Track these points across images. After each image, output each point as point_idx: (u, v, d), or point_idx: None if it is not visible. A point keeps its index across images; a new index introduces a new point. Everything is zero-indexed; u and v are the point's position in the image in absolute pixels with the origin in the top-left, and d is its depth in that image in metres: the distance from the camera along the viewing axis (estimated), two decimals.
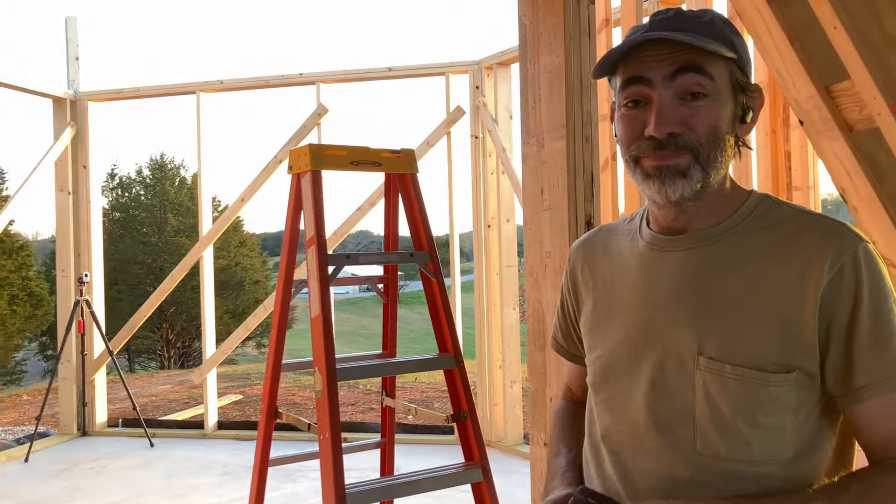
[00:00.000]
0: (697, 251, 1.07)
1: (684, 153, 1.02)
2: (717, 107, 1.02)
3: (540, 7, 2.90)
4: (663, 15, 1.06)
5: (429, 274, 2.50)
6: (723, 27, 1.05)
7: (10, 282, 19.21)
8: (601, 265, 1.22)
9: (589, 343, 1.21)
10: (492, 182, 5.37)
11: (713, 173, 1.03)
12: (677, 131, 1.01)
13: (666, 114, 1.01)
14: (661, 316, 1.07)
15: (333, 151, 2.38)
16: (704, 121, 1.02)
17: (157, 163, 26.80)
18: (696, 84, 1.01)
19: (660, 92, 1.02)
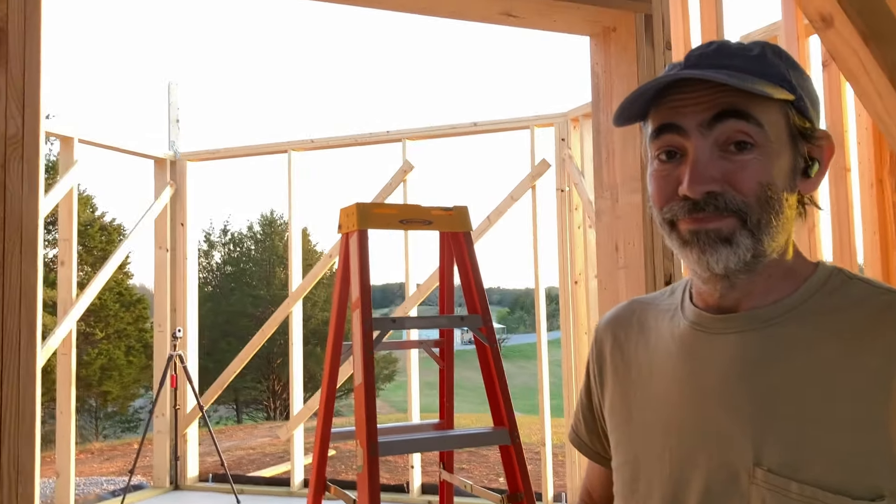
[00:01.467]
0: (753, 334, 0.86)
1: (727, 216, 0.83)
2: (768, 159, 0.83)
3: (613, 55, 2.76)
4: (702, 50, 0.88)
5: (482, 339, 2.34)
6: (776, 62, 0.86)
7: (128, 333, 20.17)
8: (635, 347, 1.01)
9: (616, 443, 1.00)
10: (578, 236, 5.19)
11: (767, 240, 0.84)
12: (717, 190, 0.82)
13: (703, 169, 0.82)
14: (707, 414, 0.86)
15: (382, 210, 2.29)
16: (752, 176, 0.82)
17: (266, 218, 27.82)
18: (740, 132, 0.82)
19: (696, 142, 0.83)
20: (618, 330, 1.05)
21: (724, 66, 0.85)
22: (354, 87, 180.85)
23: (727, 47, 0.87)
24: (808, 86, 0.87)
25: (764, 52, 0.86)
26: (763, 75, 0.84)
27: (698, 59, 0.87)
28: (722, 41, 0.89)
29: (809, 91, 0.87)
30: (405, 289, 5.69)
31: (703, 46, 0.89)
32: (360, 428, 2.10)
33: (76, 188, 5.49)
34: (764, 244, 0.84)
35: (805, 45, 3.22)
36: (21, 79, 1.91)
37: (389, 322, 2.25)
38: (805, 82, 0.87)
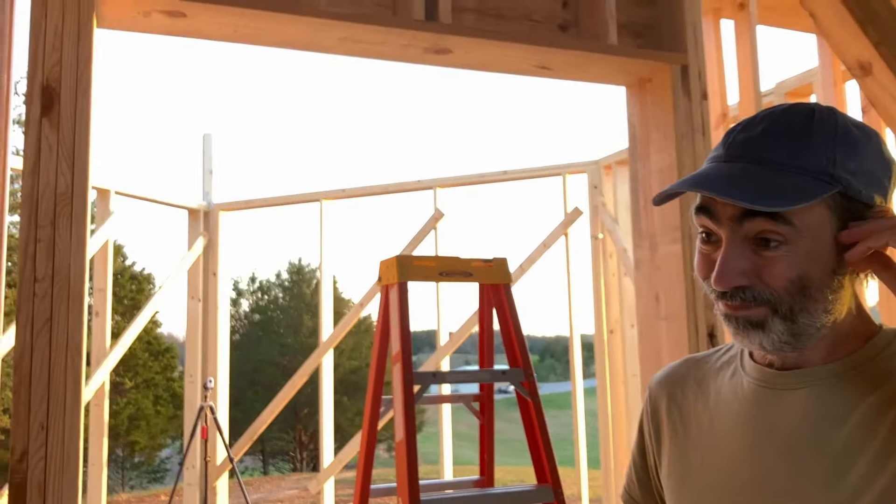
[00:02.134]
0: (822, 390, 0.85)
1: (757, 306, 0.83)
2: (800, 254, 0.81)
3: (649, 105, 2.77)
4: (746, 134, 0.86)
5: (524, 394, 2.31)
6: (829, 147, 0.82)
7: (156, 382, 20.25)
8: (693, 405, 0.99)
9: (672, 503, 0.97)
10: (613, 285, 5.14)
11: (806, 321, 0.83)
12: (745, 284, 0.83)
13: (731, 265, 0.82)
14: (776, 473, 0.84)
15: (421, 262, 2.29)
16: (780, 273, 0.82)
17: (294, 267, 28.00)
18: (767, 231, 0.81)
19: (727, 235, 0.84)
20: (674, 388, 1.03)
21: (762, 160, 0.83)
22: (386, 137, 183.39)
23: (773, 131, 0.85)
24: (869, 162, 0.84)
25: (812, 135, 0.83)
26: (805, 167, 0.82)
27: (740, 150, 0.85)
28: (770, 116, 0.87)
29: (871, 167, 0.84)
30: (436, 337, 5.66)
31: (749, 127, 0.87)
32: (401, 485, 2.07)
33: (111, 240, 5.57)
34: (801, 325, 0.83)
35: (842, 90, 3.20)
36: (71, 138, 1.95)
37: (430, 376, 2.23)
38: (866, 159, 0.84)
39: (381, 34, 2.27)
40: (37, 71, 1.90)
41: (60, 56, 1.93)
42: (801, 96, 3.68)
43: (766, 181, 0.81)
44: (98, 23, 2.08)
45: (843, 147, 0.83)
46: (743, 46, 2.76)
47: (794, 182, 0.81)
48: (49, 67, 1.92)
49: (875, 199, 0.84)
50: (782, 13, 2.94)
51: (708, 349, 1.08)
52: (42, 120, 1.92)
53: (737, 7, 2.81)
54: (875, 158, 0.85)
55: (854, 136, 0.85)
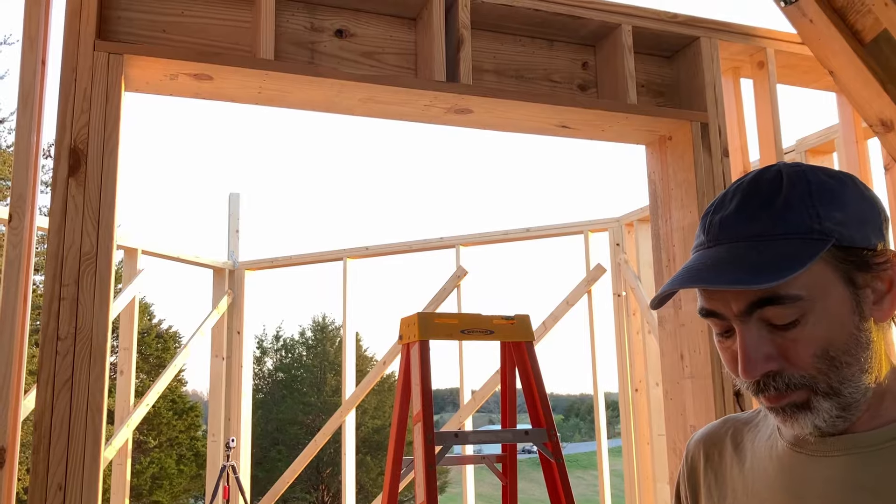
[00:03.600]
0: (858, 459, 0.81)
1: (795, 391, 0.81)
2: (819, 323, 0.79)
3: (669, 163, 2.78)
4: (721, 213, 0.84)
5: (547, 455, 2.27)
6: (806, 201, 0.80)
7: (180, 441, 20.16)
8: (729, 467, 0.96)
9: None
10: (637, 342, 5.08)
11: (849, 392, 0.80)
12: (775, 369, 0.80)
13: (753, 354, 0.80)
14: None
15: (443, 320, 2.28)
16: (805, 351, 0.79)
17: (318, 324, 28.01)
18: (779, 317, 0.79)
19: (739, 328, 0.81)
20: (711, 448, 1.01)
21: (745, 236, 0.81)
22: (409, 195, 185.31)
23: (746, 203, 0.83)
24: (853, 206, 0.82)
25: (789, 197, 0.81)
26: (791, 233, 0.80)
27: (720, 232, 0.83)
28: (740, 188, 0.85)
29: (858, 210, 0.82)
30: (460, 395, 5.60)
31: (722, 206, 0.85)
32: None
33: (138, 298, 5.62)
34: (848, 396, 0.80)
35: (864, 147, 3.19)
36: (97, 198, 1.98)
37: (452, 437, 2.20)
38: (849, 204, 0.81)
39: (402, 95, 2.31)
40: (65, 132, 1.95)
41: (88, 118, 1.97)
42: (822, 153, 3.67)
43: (755, 258, 0.79)
44: (126, 86, 2.13)
45: (822, 200, 0.81)
46: (763, 105, 2.77)
47: (785, 250, 0.78)
48: (77, 129, 1.96)
49: (873, 242, 0.82)
50: (802, 71, 2.95)
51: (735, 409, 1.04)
52: (69, 180, 1.95)
53: (756, 66, 2.82)
54: (858, 202, 0.83)
55: (830, 185, 0.82)
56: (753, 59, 2.83)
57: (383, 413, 25.56)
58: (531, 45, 2.61)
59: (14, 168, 1.94)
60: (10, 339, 1.88)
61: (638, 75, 2.65)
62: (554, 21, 2.52)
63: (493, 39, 2.54)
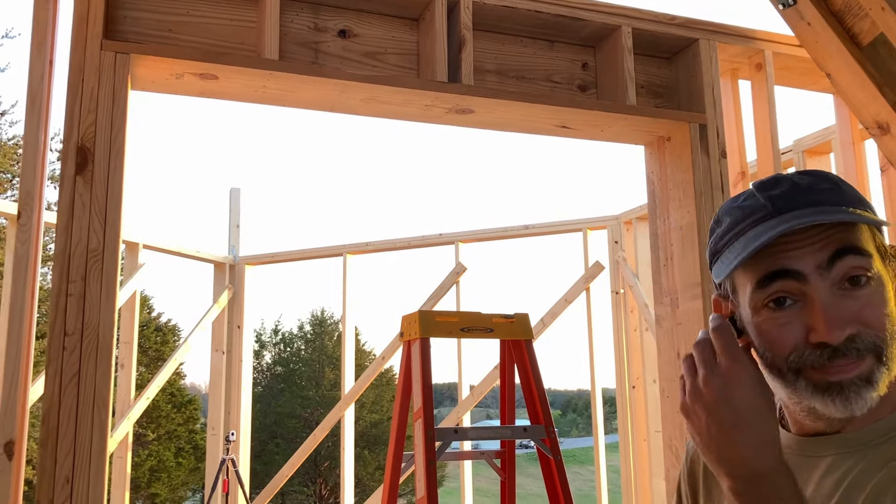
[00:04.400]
0: (855, 457, 0.84)
1: (865, 357, 0.81)
2: (882, 288, 0.82)
3: (668, 164, 2.81)
4: (784, 187, 0.85)
5: (545, 451, 2.30)
6: (849, 189, 0.85)
7: (178, 434, 20.21)
8: None
9: None
10: (635, 339, 5.12)
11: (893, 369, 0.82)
12: (855, 331, 0.80)
13: (837, 314, 0.80)
14: None
15: (444, 318, 2.31)
16: (878, 310, 0.81)
17: (317, 318, 28.03)
18: (858, 268, 0.80)
19: (817, 285, 0.81)
20: None
21: (818, 201, 0.83)
22: (408, 191, 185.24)
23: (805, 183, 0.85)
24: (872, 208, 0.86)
25: (837, 182, 0.85)
26: (849, 203, 0.83)
27: (790, 199, 0.84)
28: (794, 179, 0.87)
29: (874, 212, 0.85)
30: (458, 391, 5.64)
31: (782, 183, 0.86)
32: None
33: (139, 292, 5.65)
34: (892, 373, 0.82)
35: (861, 149, 3.22)
36: (104, 196, 2.01)
37: (452, 433, 2.23)
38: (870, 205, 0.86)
39: (404, 95, 2.34)
40: (72, 131, 1.98)
41: (95, 117, 2.00)
42: (819, 154, 3.70)
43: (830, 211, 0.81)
44: (133, 85, 2.16)
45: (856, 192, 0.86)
46: (760, 106, 2.80)
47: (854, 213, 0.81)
48: (84, 128, 1.99)
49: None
50: (799, 73, 2.98)
51: None
52: (76, 178, 1.98)
53: (754, 68, 2.85)
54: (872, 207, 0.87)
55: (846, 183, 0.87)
56: (752, 61, 2.86)
57: (381, 407, 25.61)
58: (532, 45, 2.63)
59: (22, 166, 1.97)
60: (19, 334, 1.91)
61: (637, 76, 2.68)
62: (555, 22, 2.55)
63: (495, 40, 2.57)
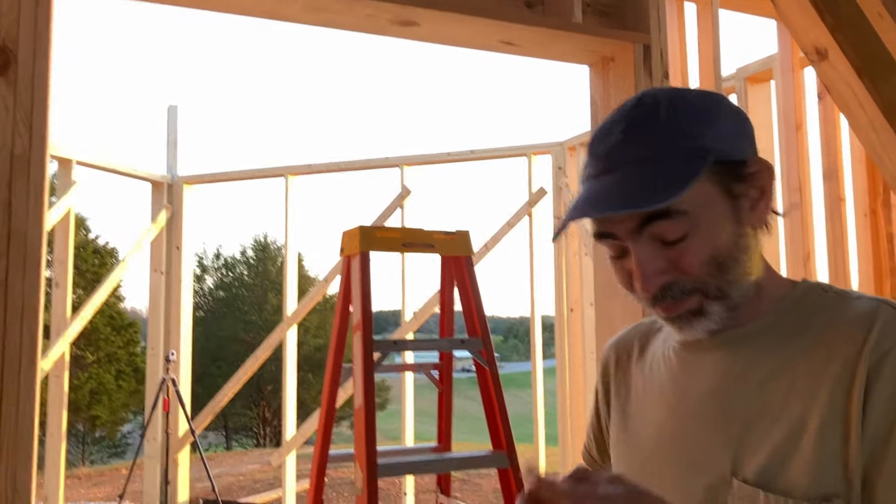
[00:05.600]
0: (733, 351, 0.89)
1: (689, 297, 0.87)
2: (704, 234, 0.85)
3: (611, 85, 2.80)
4: (606, 143, 0.87)
5: (482, 362, 2.35)
6: (684, 122, 0.86)
7: (118, 357, 20.05)
8: (634, 368, 1.05)
9: (614, 459, 1.04)
10: (575, 264, 5.21)
11: (736, 293, 0.88)
12: (669, 279, 0.86)
13: (648, 269, 0.86)
14: (689, 430, 0.90)
15: (385, 233, 2.31)
16: (695, 258, 0.85)
17: (260, 244, 27.78)
18: (669, 232, 0.85)
19: (633, 245, 0.87)
20: (621, 352, 1.09)
21: (633, 159, 0.85)
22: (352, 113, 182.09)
23: (629, 131, 0.87)
24: (725, 123, 0.87)
25: (668, 122, 0.86)
26: (672, 153, 0.84)
27: (607, 160, 0.87)
28: (624, 113, 0.89)
29: (730, 126, 0.87)
30: (401, 315, 5.69)
31: (606, 136, 0.88)
32: (359, 450, 2.10)
33: (73, 210, 5.50)
34: (735, 298, 0.88)
35: (801, 76, 3.27)
36: (29, 99, 1.93)
37: (391, 344, 2.26)
38: (721, 121, 0.87)
39: (344, 3, 2.27)
40: None
41: (18, 15, 1.90)
42: (761, 81, 3.74)
43: (642, 180, 0.83)
44: None
45: (696, 120, 0.86)
46: (704, 29, 2.80)
47: (669, 170, 0.83)
48: (6, 27, 1.89)
49: (747, 153, 0.88)
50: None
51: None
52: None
53: None
54: (730, 118, 0.89)
55: (702, 106, 0.88)
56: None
57: (325, 332, 25.75)
58: None
59: None
60: None
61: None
62: None
63: None
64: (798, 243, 3.20)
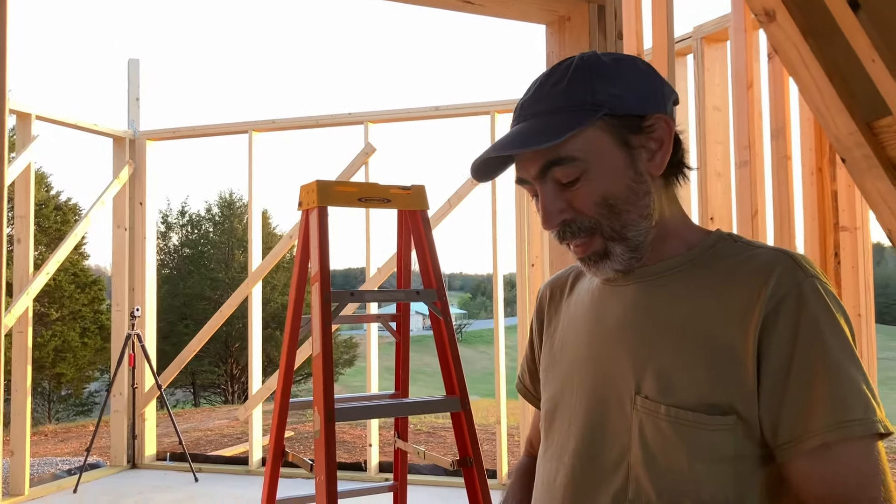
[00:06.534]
0: (644, 287, 1.01)
1: (591, 237, 0.98)
2: (597, 178, 0.96)
3: (567, 44, 2.86)
4: (525, 97, 1.02)
5: (436, 312, 2.44)
6: (586, 81, 0.97)
7: (83, 315, 19.86)
8: (565, 303, 1.17)
9: (543, 384, 1.15)
10: (536, 220, 5.30)
11: (633, 234, 0.98)
12: (568, 217, 0.98)
13: (549, 207, 0.98)
14: (604, 354, 1.01)
15: (342, 188, 2.36)
16: (587, 199, 0.97)
17: (226, 200, 27.50)
18: (564, 175, 0.96)
19: (539, 188, 0.99)
20: (555, 289, 1.21)
21: (537, 112, 0.98)
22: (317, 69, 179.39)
23: (541, 88, 0.99)
24: (629, 83, 0.97)
25: (572, 79, 0.97)
26: (571, 104, 0.96)
27: (520, 112, 1.01)
28: (541, 77, 1.01)
29: (633, 86, 0.98)
30: (366, 272, 5.76)
31: (527, 91, 1.02)
32: (317, 395, 2.19)
33: (33, 165, 5.45)
34: (633, 238, 0.98)
35: (753, 37, 3.35)
36: None
37: (347, 295, 2.33)
38: (625, 81, 0.98)
39: None
40: None
41: None
42: (717, 41, 3.82)
43: (540, 128, 0.96)
44: None
45: (599, 78, 0.97)
46: None
47: (563, 120, 0.95)
48: None
49: (647, 110, 0.98)
50: None
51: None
52: None
53: None
54: (638, 80, 0.99)
55: (610, 67, 0.98)
56: None
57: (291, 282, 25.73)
58: None
59: None
60: None
61: None
62: None
63: None
64: (746, 199, 3.32)
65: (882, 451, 0.87)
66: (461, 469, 2.44)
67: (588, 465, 0.98)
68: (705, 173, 3.75)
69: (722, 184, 3.74)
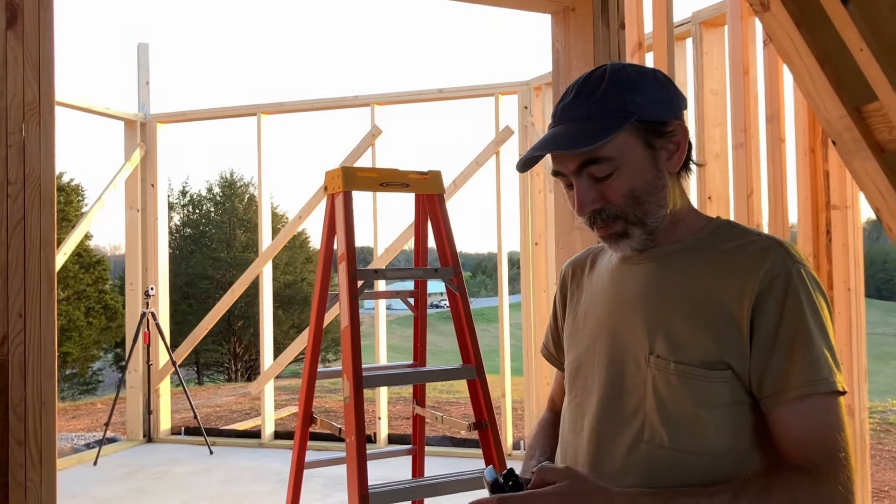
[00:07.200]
0: (657, 265, 1.20)
1: (615, 222, 1.17)
2: (626, 174, 1.14)
3: (571, 33, 3.01)
4: (563, 102, 1.18)
5: (453, 289, 2.61)
6: (618, 91, 1.14)
7: (87, 294, 20.04)
8: (587, 280, 1.35)
9: (567, 348, 1.34)
10: (539, 201, 5.45)
11: (652, 219, 1.17)
12: (599, 206, 1.16)
13: (583, 198, 1.16)
14: (623, 322, 1.20)
15: (365, 174, 2.53)
16: (617, 192, 1.15)
17: (227, 180, 27.58)
18: (598, 171, 1.14)
19: (575, 181, 1.17)
20: (576, 268, 1.40)
21: (576, 116, 1.16)
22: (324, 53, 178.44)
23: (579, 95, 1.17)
24: (652, 93, 1.17)
25: (607, 90, 1.15)
26: (607, 113, 1.14)
27: (561, 116, 1.18)
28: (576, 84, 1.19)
29: (655, 95, 1.17)
30: (374, 252, 5.92)
31: (564, 97, 1.19)
32: (346, 364, 2.37)
33: None
34: (651, 224, 1.18)
35: (749, 24, 3.49)
36: (37, 49, 2.09)
37: (372, 273, 2.50)
38: (648, 91, 1.16)
39: None
40: None
41: None
42: (715, 26, 3.96)
43: (578, 132, 1.14)
44: None
45: (629, 89, 1.16)
46: None
47: (599, 125, 1.13)
48: None
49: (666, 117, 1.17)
50: None
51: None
52: (7, 33, 2.05)
53: None
54: (656, 89, 1.17)
55: (635, 78, 1.17)
56: None
57: (294, 269, 25.92)
58: None
59: None
60: None
61: None
62: None
63: None
64: (742, 181, 3.48)
65: (843, 405, 1.08)
66: (477, 432, 2.63)
67: (610, 413, 1.18)
68: (703, 155, 3.90)
69: (719, 165, 3.90)
